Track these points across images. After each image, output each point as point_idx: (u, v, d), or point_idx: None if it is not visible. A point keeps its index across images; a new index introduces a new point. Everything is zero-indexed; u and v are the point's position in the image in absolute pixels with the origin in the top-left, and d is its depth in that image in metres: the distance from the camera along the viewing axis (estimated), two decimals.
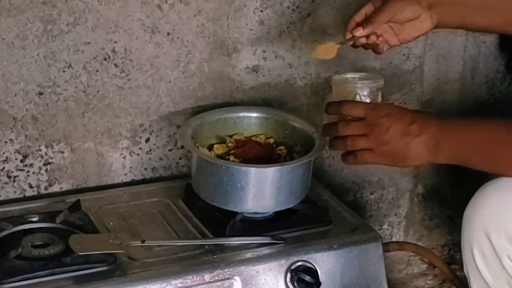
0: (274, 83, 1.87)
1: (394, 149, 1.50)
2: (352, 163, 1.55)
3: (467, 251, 1.55)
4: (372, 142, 1.51)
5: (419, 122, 1.49)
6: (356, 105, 1.55)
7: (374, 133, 1.50)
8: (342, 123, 1.53)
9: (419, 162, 1.52)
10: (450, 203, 2.19)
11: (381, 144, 1.50)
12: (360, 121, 1.51)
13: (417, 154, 1.49)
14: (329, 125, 1.57)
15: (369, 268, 1.61)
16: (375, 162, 1.53)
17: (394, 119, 1.50)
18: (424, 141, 1.48)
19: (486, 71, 2.11)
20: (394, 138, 1.49)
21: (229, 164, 1.59)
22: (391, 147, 1.50)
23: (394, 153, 1.50)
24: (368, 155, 1.52)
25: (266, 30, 1.82)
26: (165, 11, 1.72)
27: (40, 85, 1.67)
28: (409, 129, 1.48)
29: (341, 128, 1.53)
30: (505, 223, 1.48)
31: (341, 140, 1.54)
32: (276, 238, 1.58)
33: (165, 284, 1.46)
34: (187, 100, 1.81)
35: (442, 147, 1.48)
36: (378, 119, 1.50)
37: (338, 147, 1.55)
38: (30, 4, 1.60)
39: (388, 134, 1.49)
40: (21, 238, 1.54)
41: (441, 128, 1.48)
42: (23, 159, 1.71)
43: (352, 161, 1.54)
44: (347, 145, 1.53)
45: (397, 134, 1.49)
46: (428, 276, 2.20)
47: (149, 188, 1.78)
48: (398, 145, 1.49)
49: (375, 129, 1.50)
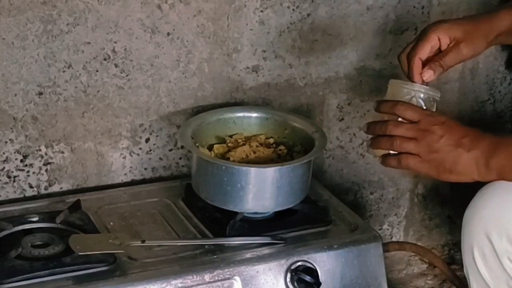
0: (274, 83, 1.87)
1: (442, 159, 1.45)
2: (394, 166, 1.50)
3: (467, 253, 1.55)
4: (421, 147, 1.46)
5: (471, 136, 1.45)
6: (412, 107, 1.49)
7: (426, 139, 1.45)
8: (393, 122, 1.48)
9: (465, 178, 1.46)
10: (450, 203, 2.19)
11: (430, 151, 1.45)
12: (413, 124, 1.47)
13: (464, 169, 1.45)
14: (376, 123, 1.51)
15: (369, 268, 1.61)
16: (418, 169, 1.48)
17: (448, 129, 1.45)
18: (474, 158, 1.44)
19: (486, 71, 2.11)
20: (444, 148, 1.45)
21: (229, 164, 1.59)
22: (439, 157, 1.45)
23: (441, 164, 1.46)
24: (414, 160, 1.47)
25: (266, 30, 1.82)
26: (165, 11, 1.72)
27: (40, 85, 1.67)
28: (461, 141, 1.44)
29: (392, 127, 1.47)
30: (506, 224, 1.47)
31: (387, 139, 1.48)
32: (276, 238, 1.58)
33: (165, 284, 1.46)
34: (187, 100, 1.81)
35: (492, 165, 1.43)
36: (431, 126, 1.45)
37: (383, 146, 1.49)
38: (30, 4, 1.60)
39: (440, 143, 1.45)
40: (21, 238, 1.54)
41: (492, 146, 1.44)
42: (23, 159, 1.71)
43: (394, 163, 1.49)
44: (393, 145, 1.47)
45: (448, 144, 1.45)
46: (428, 276, 2.20)
47: (149, 188, 1.78)
48: (447, 156, 1.45)
49: (427, 135, 1.45)
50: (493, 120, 2.16)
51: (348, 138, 2.00)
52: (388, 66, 1.97)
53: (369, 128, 1.52)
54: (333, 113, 1.97)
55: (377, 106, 1.52)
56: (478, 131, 1.48)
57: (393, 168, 1.51)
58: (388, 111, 1.50)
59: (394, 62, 1.98)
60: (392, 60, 1.97)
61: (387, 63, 1.97)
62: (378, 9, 1.91)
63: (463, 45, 1.56)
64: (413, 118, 1.47)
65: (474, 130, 1.48)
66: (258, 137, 1.74)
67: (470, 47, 1.57)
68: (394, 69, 1.98)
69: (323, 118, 1.96)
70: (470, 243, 1.53)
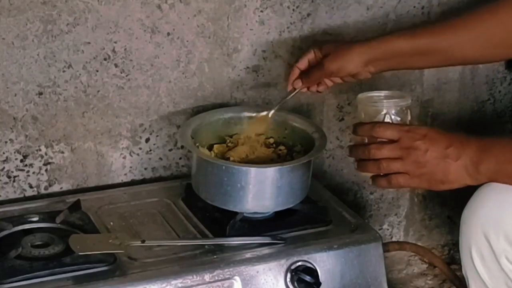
0: (274, 83, 1.87)
1: (431, 172, 1.45)
2: (385, 186, 1.50)
3: (465, 253, 1.55)
4: (408, 165, 1.45)
5: (456, 144, 1.45)
6: (391, 127, 1.49)
7: (410, 156, 1.45)
8: (375, 145, 1.48)
9: (458, 185, 1.46)
10: (450, 203, 2.19)
11: (417, 167, 1.45)
12: (394, 143, 1.46)
13: (456, 178, 1.45)
14: (358, 147, 1.52)
15: (369, 268, 1.61)
16: (410, 185, 1.49)
17: (431, 142, 1.45)
18: (463, 165, 1.44)
19: (486, 71, 2.11)
20: (432, 161, 1.44)
21: (229, 164, 1.59)
22: (428, 170, 1.45)
23: (431, 177, 1.46)
24: (403, 179, 1.47)
25: (266, 30, 1.82)
26: (165, 11, 1.72)
27: (40, 85, 1.67)
28: (447, 152, 1.44)
29: (375, 151, 1.47)
30: (503, 224, 1.47)
31: (373, 163, 1.48)
32: (276, 238, 1.58)
33: (165, 284, 1.46)
34: (187, 100, 1.81)
35: (481, 170, 1.43)
36: (414, 142, 1.45)
37: (370, 170, 1.50)
38: (30, 4, 1.60)
39: (425, 157, 1.44)
40: (21, 238, 1.54)
41: (479, 150, 1.44)
42: (23, 159, 1.71)
43: (385, 184, 1.49)
44: (380, 169, 1.47)
45: (434, 157, 1.44)
46: (428, 276, 2.20)
47: (149, 188, 1.78)
48: (436, 168, 1.45)
49: (411, 152, 1.45)
50: (493, 120, 2.16)
51: (348, 138, 2.00)
52: None
53: (352, 152, 1.53)
54: (333, 113, 1.97)
55: (354, 130, 1.53)
56: (462, 136, 1.47)
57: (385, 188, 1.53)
58: (367, 134, 1.50)
59: None
60: None
61: None
62: (378, 9, 1.91)
63: (327, 60, 1.64)
64: (394, 137, 1.47)
65: (458, 136, 1.47)
66: (258, 137, 1.74)
67: (334, 63, 1.63)
68: None
69: (323, 118, 1.96)
70: (468, 243, 1.53)
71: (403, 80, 2.01)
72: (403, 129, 1.48)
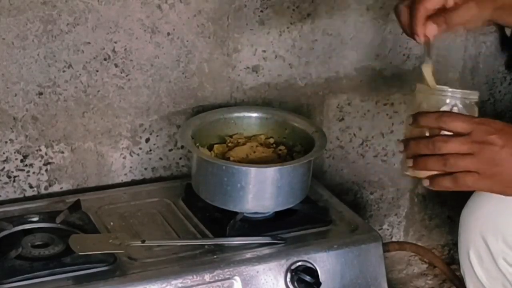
0: (274, 83, 1.87)
1: (507, 173, 1.25)
2: (450, 188, 1.28)
3: (463, 253, 1.55)
4: (480, 163, 1.24)
5: None
6: (461, 117, 1.27)
7: (484, 152, 1.24)
8: (441, 138, 1.26)
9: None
10: (450, 203, 2.19)
11: (491, 165, 1.24)
12: (465, 136, 1.25)
13: None
14: (418, 140, 1.28)
15: (369, 268, 1.61)
16: (479, 187, 1.28)
17: (508, 137, 1.24)
18: None
19: (486, 71, 2.11)
20: (509, 159, 1.24)
21: (229, 164, 1.59)
22: (503, 170, 1.25)
23: (506, 178, 1.26)
24: (472, 178, 1.25)
25: (266, 30, 1.82)
26: (165, 11, 1.72)
27: (40, 85, 1.67)
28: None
29: (442, 144, 1.25)
30: (501, 225, 1.47)
31: (437, 159, 1.26)
32: (276, 238, 1.58)
33: (165, 284, 1.46)
34: (187, 100, 1.81)
35: None
36: (488, 135, 1.24)
37: (432, 167, 1.27)
38: (30, 4, 1.60)
39: (502, 154, 1.24)
40: (21, 238, 1.54)
41: None
42: (23, 159, 1.71)
43: (449, 184, 1.27)
44: (447, 166, 1.25)
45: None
46: (428, 276, 2.20)
47: (149, 188, 1.78)
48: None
49: (485, 147, 1.24)
50: None
51: (348, 138, 2.00)
52: (388, 66, 1.97)
53: (410, 147, 1.30)
54: (333, 113, 1.97)
55: (415, 120, 1.30)
56: None
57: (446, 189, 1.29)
58: (432, 124, 1.28)
59: (394, 62, 1.98)
60: (392, 60, 1.97)
61: (387, 63, 1.97)
62: (378, 9, 1.91)
63: (474, 3, 1.37)
64: (464, 129, 1.26)
65: None
66: (258, 137, 1.74)
67: (481, 7, 1.38)
68: (394, 69, 1.98)
69: (323, 118, 1.96)
70: (466, 244, 1.53)
71: (403, 80, 2.01)
72: (475, 121, 1.27)
